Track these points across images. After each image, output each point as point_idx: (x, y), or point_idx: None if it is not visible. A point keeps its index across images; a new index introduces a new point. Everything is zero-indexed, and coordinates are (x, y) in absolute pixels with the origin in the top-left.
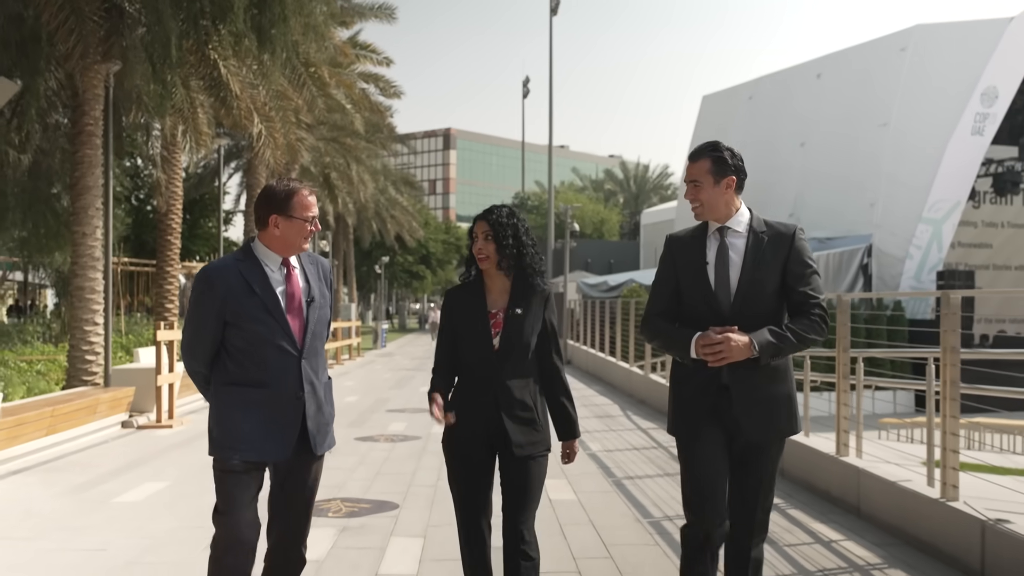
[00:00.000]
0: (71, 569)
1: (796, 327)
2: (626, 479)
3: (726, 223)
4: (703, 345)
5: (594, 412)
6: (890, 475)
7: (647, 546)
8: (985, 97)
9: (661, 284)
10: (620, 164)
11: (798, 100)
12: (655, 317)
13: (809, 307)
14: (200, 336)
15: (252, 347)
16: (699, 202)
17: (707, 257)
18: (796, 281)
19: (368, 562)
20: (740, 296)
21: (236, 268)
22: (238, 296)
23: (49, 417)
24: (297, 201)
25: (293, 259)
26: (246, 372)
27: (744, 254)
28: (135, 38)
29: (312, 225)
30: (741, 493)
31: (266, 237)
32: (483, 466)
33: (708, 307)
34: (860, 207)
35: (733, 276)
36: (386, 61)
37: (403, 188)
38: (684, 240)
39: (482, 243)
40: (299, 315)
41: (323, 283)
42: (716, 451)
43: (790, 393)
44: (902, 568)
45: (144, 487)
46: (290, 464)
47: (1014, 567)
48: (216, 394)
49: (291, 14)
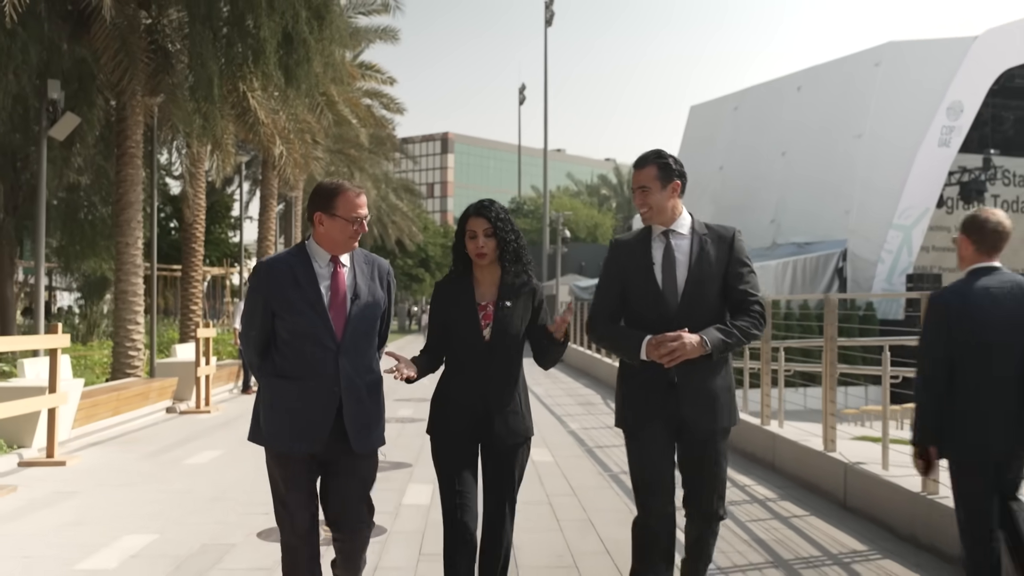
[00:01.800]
0: (169, 504)
1: (740, 324)
2: (596, 448)
3: (671, 226)
4: (656, 346)
5: (577, 400)
6: (797, 438)
7: (603, 489)
8: (951, 111)
9: (607, 286)
10: (614, 169)
11: (780, 111)
12: (602, 319)
13: (749, 304)
14: (251, 324)
15: (295, 339)
16: (648, 206)
17: (653, 259)
18: (736, 280)
19: (393, 498)
20: (687, 296)
21: (286, 262)
22: (284, 288)
23: (115, 400)
24: (341, 200)
25: (344, 257)
26: (288, 364)
27: (689, 255)
28: (178, 75)
29: (358, 225)
30: (694, 486)
31: (315, 234)
32: (468, 451)
33: (655, 307)
34: (836, 214)
35: (680, 277)
36: (389, 80)
37: (403, 194)
38: (629, 243)
39: (483, 240)
40: (342, 311)
41: (377, 283)
42: (662, 446)
43: (730, 387)
44: (792, 501)
45: (204, 453)
46: (335, 459)
47: (864, 495)
48: (261, 384)
49: (314, 55)
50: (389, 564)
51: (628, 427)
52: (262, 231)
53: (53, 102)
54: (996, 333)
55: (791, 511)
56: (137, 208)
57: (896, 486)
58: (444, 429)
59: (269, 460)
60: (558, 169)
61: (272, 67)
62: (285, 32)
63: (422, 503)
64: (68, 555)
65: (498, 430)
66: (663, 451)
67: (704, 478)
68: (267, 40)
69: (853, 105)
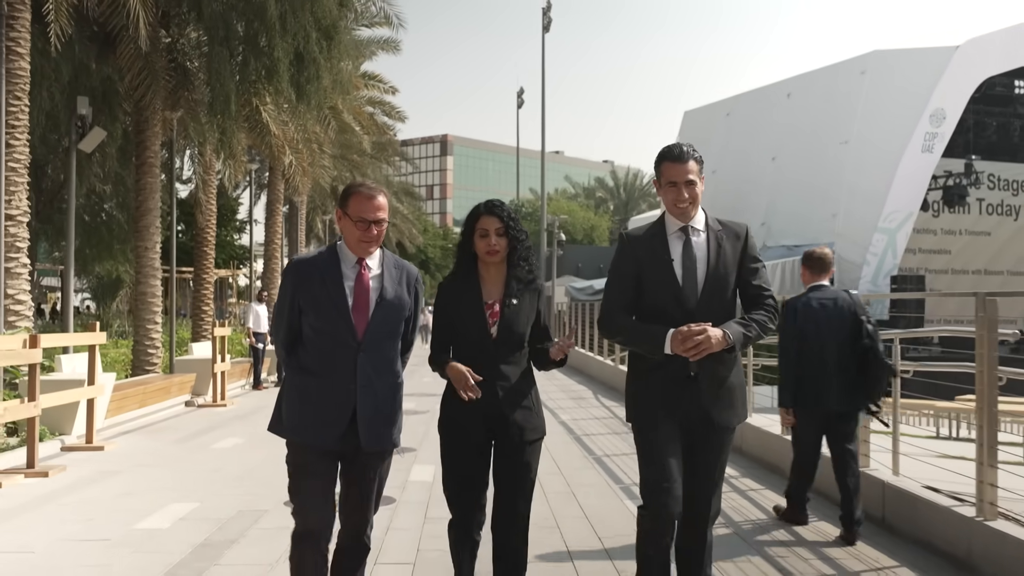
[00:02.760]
0: (203, 480)
1: (757, 318)
2: (584, 436)
3: (690, 222)
4: (682, 340)
5: (569, 395)
6: (761, 424)
7: (587, 468)
8: (934, 118)
9: (621, 280)
10: (611, 172)
11: (771, 117)
12: (617, 312)
13: (763, 299)
14: (280, 319)
15: (317, 336)
16: (691, 200)
17: (671, 254)
18: (750, 275)
19: (400, 476)
20: (707, 291)
21: (316, 261)
22: (309, 286)
23: (141, 394)
24: (353, 200)
25: (373, 260)
26: (310, 360)
27: (707, 252)
28: (197, 91)
29: (367, 228)
30: (697, 480)
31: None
32: (478, 451)
33: (675, 302)
34: (823, 217)
35: (700, 272)
36: (391, 90)
37: (403, 198)
38: (644, 238)
39: (495, 239)
40: (364, 312)
41: (404, 288)
42: (674, 442)
43: (743, 382)
44: (752, 478)
45: (228, 440)
46: (351, 456)
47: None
48: (285, 377)
49: (324, 72)
50: (399, 526)
51: (641, 423)
52: (268, 234)
53: (82, 117)
54: (822, 327)
55: (750, 486)
56: (155, 214)
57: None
58: (454, 428)
59: (288, 451)
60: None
61: (284, 84)
62: (297, 52)
63: (426, 480)
64: (125, 518)
65: (512, 427)
66: (676, 449)
67: (708, 473)
68: (280, 59)
69: (840, 111)
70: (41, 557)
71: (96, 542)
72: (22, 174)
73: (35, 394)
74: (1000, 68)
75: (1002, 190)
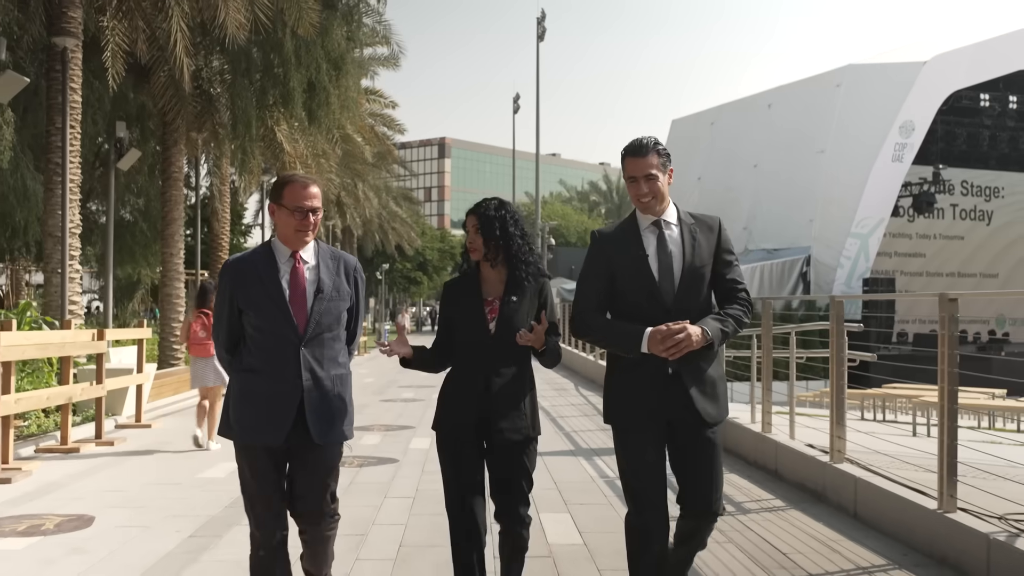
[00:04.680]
0: None
1: (733, 313)
2: (559, 418)
3: (662, 216)
4: (661, 339)
5: (552, 387)
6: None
7: (559, 442)
8: (903, 129)
9: (593, 279)
10: (604, 177)
11: (753, 126)
12: (589, 311)
13: (736, 293)
14: (219, 322)
15: (258, 334)
16: (652, 194)
17: (646, 249)
18: (724, 269)
19: (401, 445)
20: (683, 287)
21: (250, 259)
22: (246, 285)
23: (175, 383)
24: (288, 190)
25: (307, 253)
26: (254, 359)
27: (682, 246)
28: (220, 116)
29: (303, 217)
30: (693, 481)
31: (277, 229)
32: (472, 447)
33: (651, 299)
34: (801, 223)
35: (676, 267)
36: (391, 104)
37: (402, 202)
38: (615, 235)
39: (472, 236)
40: (303, 306)
41: (343, 278)
42: (655, 443)
43: (724, 377)
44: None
45: None
46: (299, 452)
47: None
48: (231, 379)
49: (333, 99)
50: (399, 486)
51: (620, 424)
52: None
53: (120, 139)
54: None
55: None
56: (180, 224)
57: (796, 451)
58: (449, 424)
59: (236, 452)
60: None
61: (298, 109)
62: (309, 81)
63: (423, 447)
64: (189, 470)
65: (500, 427)
66: (658, 450)
67: (705, 472)
68: (295, 88)
69: (817, 122)
70: (135, 494)
71: (172, 485)
72: (75, 192)
73: (102, 378)
74: (966, 82)
75: (975, 196)
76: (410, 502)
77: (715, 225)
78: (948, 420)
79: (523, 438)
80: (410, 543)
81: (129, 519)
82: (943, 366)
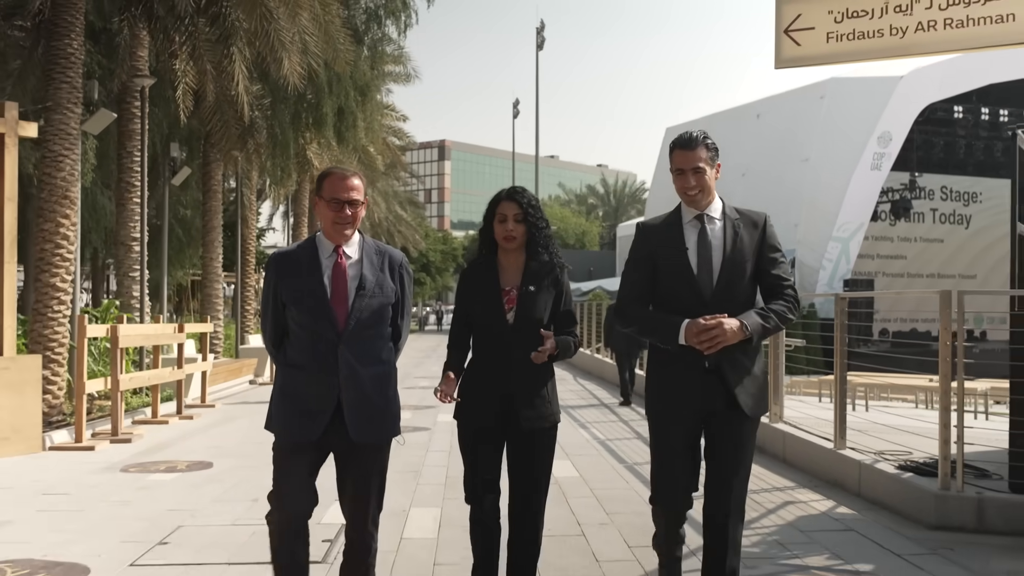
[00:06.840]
0: None
1: (776, 308)
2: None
3: (705, 210)
4: (696, 333)
5: None
6: None
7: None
8: (881, 139)
9: (636, 270)
10: (601, 180)
11: (742, 135)
12: (633, 303)
13: (782, 289)
14: (265, 315)
15: (300, 329)
16: (699, 188)
17: (687, 243)
18: (769, 265)
19: (431, 417)
20: (722, 280)
21: (295, 253)
22: (289, 279)
23: (225, 372)
24: (327, 183)
25: (351, 248)
26: (295, 354)
27: (723, 240)
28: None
29: (341, 209)
30: (721, 474)
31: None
32: (493, 436)
33: (690, 292)
34: (786, 227)
35: (716, 261)
36: (403, 118)
37: (407, 207)
38: (659, 227)
39: (513, 225)
40: (344, 302)
41: (387, 274)
42: (690, 437)
43: (766, 372)
44: None
45: None
46: (345, 449)
47: None
48: (276, 373)
49: (360, 121)
50: (437, 442)
51: (656, 417)
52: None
53: (174, 159)
54: None
55: None
56: (218, 231)
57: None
58: (470, 414)
59: (274, 446)
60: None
61: (329, 132)
62: (339, 107)
63: (450, 420)
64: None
65: (523, 414)
66: (693, 444)
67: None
68: (327, 113)
69: (802, 132)
70: (235, 448)
71: (257, 444)
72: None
73: (182, 363)
74: (940, 96)
75: (954, 200)
76: (447, 455)
77: (760, 221)
78: (839, 389)
79: (548, 425)
80: (454, 475)
81: (239, 463)
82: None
